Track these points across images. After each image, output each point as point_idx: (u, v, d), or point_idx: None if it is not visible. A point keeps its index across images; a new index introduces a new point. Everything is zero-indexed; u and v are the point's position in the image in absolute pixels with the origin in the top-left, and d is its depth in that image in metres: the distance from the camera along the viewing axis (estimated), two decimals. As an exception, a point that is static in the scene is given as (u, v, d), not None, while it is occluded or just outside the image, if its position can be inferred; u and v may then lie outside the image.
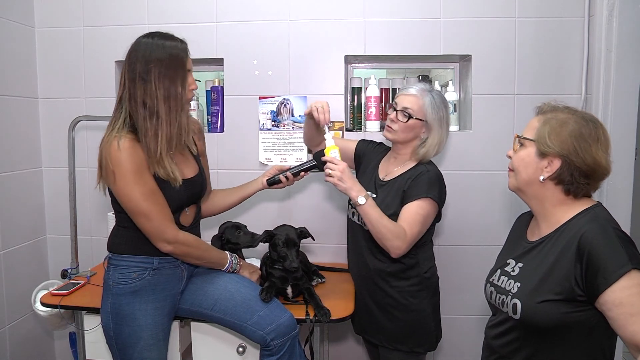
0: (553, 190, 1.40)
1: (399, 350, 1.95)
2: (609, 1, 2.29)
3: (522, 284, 1.39)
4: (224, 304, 1.80)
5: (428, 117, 1.91)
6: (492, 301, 1.51)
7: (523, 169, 1.43)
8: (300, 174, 2.02)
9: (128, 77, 1.63)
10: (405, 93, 1.95)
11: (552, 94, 2.41)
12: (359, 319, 2.05)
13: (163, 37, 1.67)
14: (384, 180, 1.99)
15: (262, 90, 2.58)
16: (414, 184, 1.86)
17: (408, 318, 1.93)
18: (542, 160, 1.38)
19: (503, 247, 1.65)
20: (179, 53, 1.66)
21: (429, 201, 1.83)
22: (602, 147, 1.34)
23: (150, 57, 1.61)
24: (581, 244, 1.28)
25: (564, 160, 1.34)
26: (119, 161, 1.59)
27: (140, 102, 1.61)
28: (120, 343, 1.73)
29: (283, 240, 1.96)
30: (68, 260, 2.46)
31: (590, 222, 1.33)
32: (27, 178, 2.65)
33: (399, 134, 1.93)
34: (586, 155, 1.32)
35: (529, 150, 1.41)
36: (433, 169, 1.93)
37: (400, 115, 1.91)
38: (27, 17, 2.64)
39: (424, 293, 1.94)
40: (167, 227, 1.68)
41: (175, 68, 1.64)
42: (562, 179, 1.36)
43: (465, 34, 2.48)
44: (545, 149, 1.36)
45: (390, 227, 1.77)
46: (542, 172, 1.38)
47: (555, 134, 1.35)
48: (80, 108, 2.66)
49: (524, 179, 1.43)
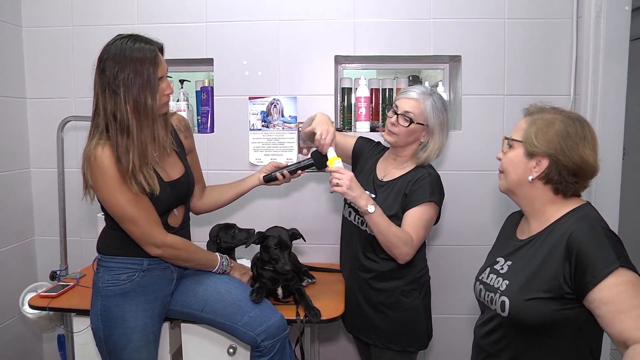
0: (542, 189, 1.41)
1: (391, 349, 1.95)
2: (596, 3, 2.31)
3: (511, 282, 1.40)
4: (214, 305, 1.80)
5: (429, 122, 1.90)
6: (481, 299, 1.53)
7: (512, 170, 1.44)
8: (297, 172, 2.02)
9: (99, 88, 1.59)
10: (407, 97, 1.93)
11: (541, 94, 2.43)
12: (350, 318, 2.05)
13: (133, 40, 1.60)
14: (383, 181, 1.99)
15: (252, 90, 2.58)
16: (416, 188, 1.87)
17: (400, 317, 1.94)
18: (530, 161, 1.40)
19: (493, 246, 1.66)
20: (147, 59, 1.58)
21: (432, 205, 1.85)
22: (589, 146, 1.36)
23: (118, 66, 1.55)
24: (570, 243, 1.30)
25: (551, 160, 1.36)
26: (102, 169, 1.57)
27: (111, 115, 1.57)
28: (109, 345, 1.72)
29: (275, 243, 1.94)
30: (57, 261, 2.44)
31: (579, 221, 1.34)
32: (15, 179, 2.63)
33: (400, 137, 1.93)
34: (573, 154, 1.34)
35: (518, 152, 1.43)
36: (433, 172, 1.94)
37: (402, 119, 1.90)
38: (14, 16, 2.62)
39: (416, 293, 1.95)
40: (155, 231, 1.67)
41: (144, 77, 1.57)
42: (551, 178, 1.38)
43: (455, 35, 2.49)
44: (532, 149, 1.38)
45: (399, 235, 1.77)
46: (530, 172, 1.40)
47: (542, 134, 1.37)
48: (69, 108, 2.64)
49: (513, 179, 1.45)
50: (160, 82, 1.64)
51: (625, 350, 1.19)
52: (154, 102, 1.60)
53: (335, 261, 2.35)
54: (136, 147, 1.58)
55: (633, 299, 1.20)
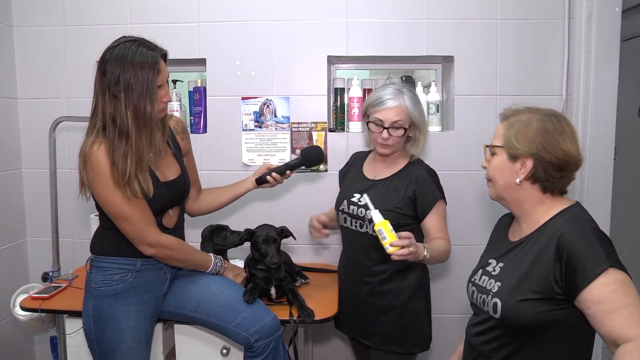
0: (531, 190, 1.42)
1: (394, 352, 1.95)
2: (587, 4, 2.33)
3: (502, 283, 1.41)
4: (207, 305, 1.79)
5: (414, 119, 1.93)
6: (473, 300, 1.53)
7: (499, 176, 1.45)
8: (287, 172, 2.02)
9: (99, 89, 1.60)
10: (386, 107, 1.90)
11: (533, 94, 2.45)
12: (349, 321, 2.05)
13: (137, 44, 1.61)
14: (375, 180, 2.00)
15: (245, 90, 2.58)
16: (422, 193, 1.92)
17: (405, 319, 1.94)
18: (514, 164, 1.41)
19: (486, 248, 1.66)
20: (148, 66, 1.59)
21: (441, 202, 1.96)
22: (569, 138, 1.37)
23: (119, 69, 1.56)
24: (560, 244, 1.30)
25: (535, 159, 1.37)
26: (98, 167, 1.57)
27: (110, 118, 1.58)
28: (101, 346, 1.71)
29: (263, 238, 1.96)
30: (49, 263, 2.42)
31: (568, 221, 1.35)
32: (6, 180, 2.61)
33: (396, 146, 1.95)
34: (555, 149, 1.35)
35: (501, 157, 1.44)
36: (426, 167, 1.99)
37: (394, 132, 1.91)
38: (5, 15, 2.60)
39: (419, 294, 1.96)
40: (149, 230, 1.67)
41: (144, 83, 1.58)
42: (538, 176, 1.38)
43: (447, 35, 2.50)
44: (514, 151, 1.39)
45: (444, 249, 1.90)
46: (517, 174, 1.41)
47: (522, 135, 1.38)
48: (61, 109, 2.63)
49: (501, 185, 1.45)
50: (159, 89, 1.64)
51: (615, 349, 1.20)
52: (152, 109, 1.61)
53: (328, 261, 2.35)
54: (134, 152, 1.59)
55: (623, 299, 1.21)
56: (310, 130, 2.56)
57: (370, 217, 1.73)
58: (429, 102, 2.58)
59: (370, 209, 1.71)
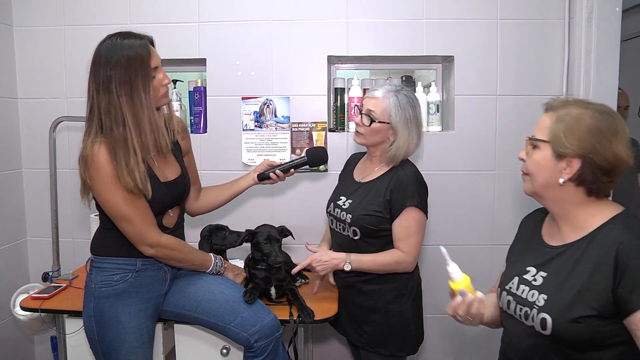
0: (574, 191, 1.29)
1: (380, 354, 1.95)
2: (587, 4, 2.33)
3: (550, 297, 1.28)
4: (207, 305, 1.79)
5: (392, 120, 1.88)
6: (509, 311, 1.39)
7: (539, 173, 1.32)
8: (290, 170, 2.02)
9: (94, 88, 1.59)
10: (371, 96, 1.93)
11: (534, 94, 2.45)
12: (342, 320, 2.05)
13: (122, 37, 1.61)
14: (360, 182, 2.00)
15: (245, 90, 2.58)
16: (395, 195, 1.86)
17: (389, 322, 1.93)
18: (559, 162, 1.27)
19: (513, 248, 1.54)
20: (138, 53, 1.58)
21: (412, 209, 1.85)
22: (621, 141, 1.23)
23: (110, 63, 1.56)
24: (620, 256, 1.18)
25: (584, 160, 1.24)
26: (98, 166, 1.57)
27: (105, 111, 1.57)
28: (104, 347, 1.71)
29: (265, 237, 1.96)
30: (49, 263, 2.42)
31: (625, 231, 1.22)
32: (6, 180, 2.61)
33: (367, 137, 1.93)
34: (606, 152, 1.22)
35: (545, 153, 1.30)
36: (410, 171, 1.91)
37: (365, 119, 1.90)
38: (5, 16, 2.60)
39: (404, 297, 1.94)
40: (149, 230, 1.67)
41: (135, 70, 1.57)
42: (584, 179, 1.26)
43: (447, 35, 2.50)
44: (562, 150, 1.26)
45: (388, 260, 1.87)
46: (560, 174, 1.28)
47: (572, 132, 1.24)
48: (61, 108, 2.63)
49: (541, 183, 1.33)
50: (156, 72, 1.65)
51: None
52: (147, 95, 1.60)
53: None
54: (135, 141, 1.58)
55: None
56: (311, 130, 2.56)
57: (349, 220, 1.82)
58: (429, 102, 2.58)
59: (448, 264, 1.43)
